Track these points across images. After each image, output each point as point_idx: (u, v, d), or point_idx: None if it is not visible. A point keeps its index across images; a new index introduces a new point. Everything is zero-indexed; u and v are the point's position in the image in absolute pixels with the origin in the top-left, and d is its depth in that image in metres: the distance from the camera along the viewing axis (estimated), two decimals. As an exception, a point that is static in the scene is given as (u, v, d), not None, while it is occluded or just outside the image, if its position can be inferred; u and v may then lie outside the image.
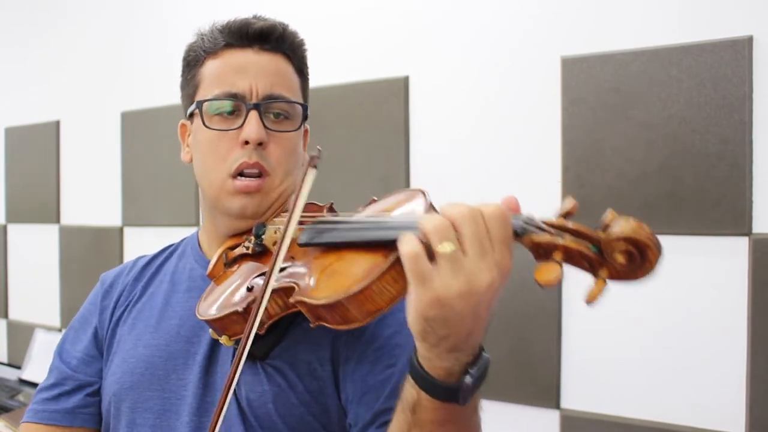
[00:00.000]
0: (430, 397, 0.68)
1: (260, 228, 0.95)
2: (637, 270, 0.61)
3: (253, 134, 0.93)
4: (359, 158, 1.95)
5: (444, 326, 0.64)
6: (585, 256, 0.63)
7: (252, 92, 0.95)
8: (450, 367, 0.67)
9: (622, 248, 0.61)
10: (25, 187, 2.97)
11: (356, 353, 0.90)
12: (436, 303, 0.62)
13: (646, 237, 0.60)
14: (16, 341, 2.96)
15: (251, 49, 0.97)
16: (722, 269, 1.49)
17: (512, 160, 1.75)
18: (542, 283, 0.62)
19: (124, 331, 1.04)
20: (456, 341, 0.65)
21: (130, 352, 1.00)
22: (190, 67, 1.02)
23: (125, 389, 0.98)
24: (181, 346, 0.98)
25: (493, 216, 0.64)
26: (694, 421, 1.52)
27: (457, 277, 0.62)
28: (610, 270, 0.62)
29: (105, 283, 1.11)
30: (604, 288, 0.62)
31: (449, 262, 0.62)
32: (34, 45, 2.95)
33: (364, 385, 0.88)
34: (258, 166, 0.95)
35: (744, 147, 1.46)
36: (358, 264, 0.76)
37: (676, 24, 1.54)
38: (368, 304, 0.73)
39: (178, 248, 1.12)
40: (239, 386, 0.92)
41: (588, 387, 1.66)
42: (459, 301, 0.62)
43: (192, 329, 0.98)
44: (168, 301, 1.03)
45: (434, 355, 0.67)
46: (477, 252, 0.62)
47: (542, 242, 0.64)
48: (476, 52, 1.81)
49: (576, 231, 0.64)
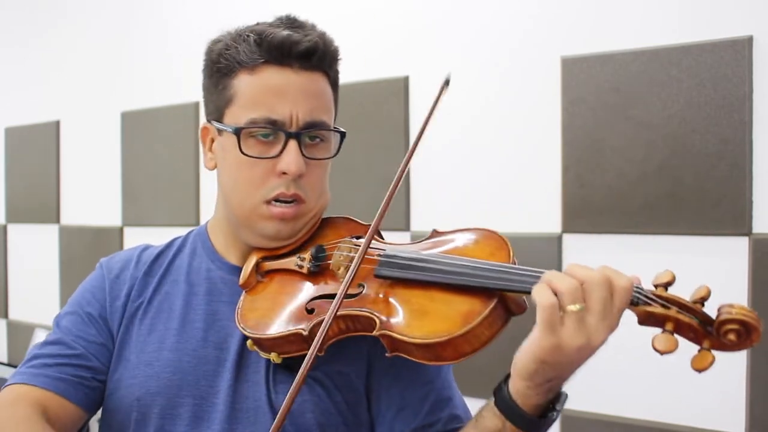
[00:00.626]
0: (515, 427, 0.77)
1: (321, 250, 0.96)
2: (739, 345, 0.71)
3: (293, 167, 0.91)
4: (359, 158, 1.95)
5: (554, 371, 0.74)
6: (692, 329, 0.72)
7: (292, 119, 0.92)
8: (542, 404, 0.77)
9: (734, 328, 0.70)
10: (25, 187, 2.97)
11: (393, 369, 0.92)
12: (556, 350, 0.72)
13: (755, 320, 0.70)
14: (16, 341, 2.96)
15: (290, 69, 0.93)
16: (722, 269, 1.48)
17: (512, 160, 1.75)
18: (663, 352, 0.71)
19: (142, 331, 0.99)
20: (557, 384, 0.76)
21: (153, 355, 0.97)
22: (221, 75, 0.96)
23: (151, 394, 0.95)
24: (210, 352, 0.96)
25: (621, 287, 0.72)
26: (694, 421, 1.52)
27: (579, 333, 0.71)
28: (713, 342, 0.72)
29: (112, 272, 1.05)
30: (713, 360, 0.71)
31: (576, 321, 0.71)
32: (34, 45, 2.95)
33: (402, 401, 0.91)
34: (295, 196, 0.94)
35: (744, 147, 1.46)
36: (455, 306, 0.80)
37: (676, 24, 1.54)
38: (465, 346, 0.79)
39: (187, 244, 1.08)
40: (278, 395, 0.92)
41: (588, 387, 1.66)
42: (576, 352, 0.72)
43: (219, 335, 0.97)
44: (188, 302, 1.00)
45: (534, 393, 0.76)
46: (600, 314, 0.71)
47: (656, 314, 0.73)
48: (476, 52, 1.81)
49: (682, 304, 0.73)
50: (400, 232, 1.88)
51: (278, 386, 0.92)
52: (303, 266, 0.94)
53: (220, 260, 1.03)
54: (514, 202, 1.75)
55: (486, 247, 0.86)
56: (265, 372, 0.93)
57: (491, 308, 0.78)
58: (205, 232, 1.08)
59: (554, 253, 1.66)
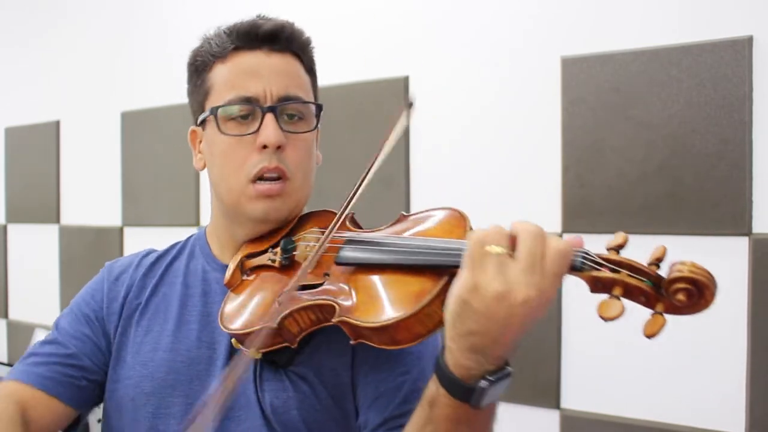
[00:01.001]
0: (447, 393, 0.71)
1: (289, 242, 0.96)
2: (693, 307, 0.67)
3: (272, 138, 0.92)
4: (359, 158, 1.94)
5: (474, 319, 0.67)
6: (643, 292, 0.67)
7: (266, 95, 0.94)
8: (471, 367, 0.70)
9: (682, 287, 0.65)
10: (25, 187, 2.97)
11: (371, 358, 0.91)
12: (473, 290, 0.67)
13: (705, 278, 0.66)
14: (16, 341, 2.96)
15: (261, 51, 0.96)
16: (722, 269, 1.47)
17: (512, 160, 1.75)
18: (607, 318, 0.66)
19: (138, 332, 1.01)
20: (481, 342, 0.69)
21: (148, 356, 0.98)
22: (198, 73, 1.00)
23: (146, 394, 0.96)
24: (203, 352, 0.97)
25: (555, 248, 0.67)
26: (694, 421, 1.52)
27: (498, 277, 0.66)
28: (667, 305, 0.67)
29: (112, 274, 1.07)
30: (664, 323, 0.67)
31: (495, 264, 0.67)
32: (35, 45, 2.95)
33: (377, 391, 0.90)
34: (278, 170, 0.94)
35: (744, 147, 1.46)
36: (408, 287, 0.78)
37: (676, 24, 1.54)
38: (418, 327, 0.76)
39: (186, 247, 1.10)
40: (264, 393, 0.92)
41: (588, 387, 1.66)
42: (493, 301, 0.66)
43: (210, 335, 0.98)
44: (184, 304, 1.01)
45: (457, 347, 0.70)
46: (525, 267, 0.66)
47: (602, 278, 0.68)
48: (476, 52, 1.81)
49: (633, 266, 0.68)
50: (400, 232, 1.88)
51: (264, 384, 0.92)
52: (275, 260, 0.95)
53: (216, 262, 1.04)
54: (514, 202, 1.75)
55: (445, 225, 0.85)
56: (253, 370, 0.93)
57: (441, 286, 0.75)
58: (203, 235, 1.09)
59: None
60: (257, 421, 0.91)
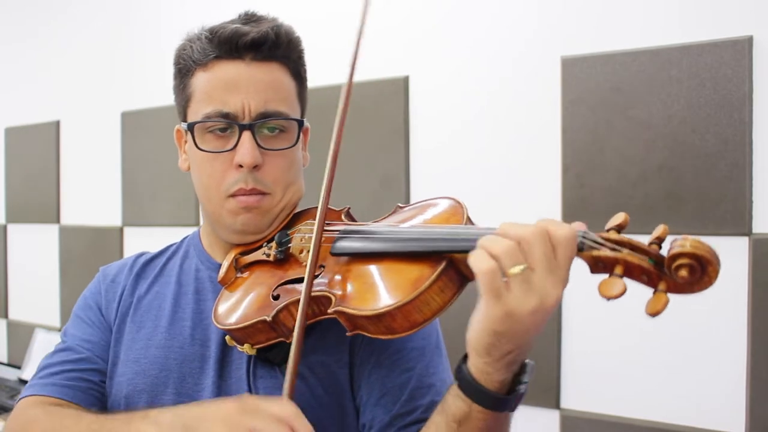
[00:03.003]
0: (482, 408, 0.72)
1: (284, 236, 0.95)
2: (696, 284, 0.64)
3: (247, 158, 0.91)
4: (359, 158, 1.95)
5: (511, 341, 0.67)
6: (644, 270, 0.65)
7: (244, 111, 0.92)
8: (505, 379, 0.71)
9: (684, 263, 0.63)
10: (25, 187, 2.97)
11: (373, 356, 0.91)
12: (507, 318, 0.66)
13: (708, 252, 0.63)
14: (16, 341, 2.96)
15: (242, 61, 0.93)
16: (722, 269, 1.48)
17: (512, 160, 1.75)
18: (608, 297, 0.64)
19: (131, 329, 1.02)
20: (517, 356, 0.69)
21: (141, 353, 0.98)
22: (181, 76, 0.99)
23: (138, 391, 0.96)
24: (196, 350, 0.97)
25: (562, 237, 0.66)
26: (694, 421, 1.52)
27: (528, 294, 0.65)
28: (669, 283, 0.65)
29: (107, 277, 1.08)
30: (667, 302, 0.64)
31: (521, 283, 0.65)
32: (35, 45, 2.95)
33: (382, 388, 0.90)
34: (254, 192, 0.93)
35: (744, 147, 1.46)
36: (403, 275, 0.77)
37: (676, 24, 1.54)
38: (415, 314, 0.75)
39: (181, 248, 1.11)
40: (258, 391, 0.92)
41: (588, 387, 1.66)
42: (530, 317, 0.65)
43: (203, 332, 0.98)
44: (177, 302, 1.02)
45: (494, 369, 0.70)
46: (545, 270, 0.65)
47: (603, 257, 0.66)
48: (476, 52, 1.81)
49: (634, 245, 0.66)
50: (400, 232, 1.88)
51: (258, 381, 0.92)
52: (270, 254, 0.94)
53: (209, 260, 1.04)
54: (514, 202, 1.75)
55: (443, 213, 0.84)
56: (246, 368, 0.93)
57: (439, 272, 0.73)
58: (198, 235, 1.10)
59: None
60: None
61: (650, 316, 0.64)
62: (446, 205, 0.85)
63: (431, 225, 0.81)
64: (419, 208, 0.89)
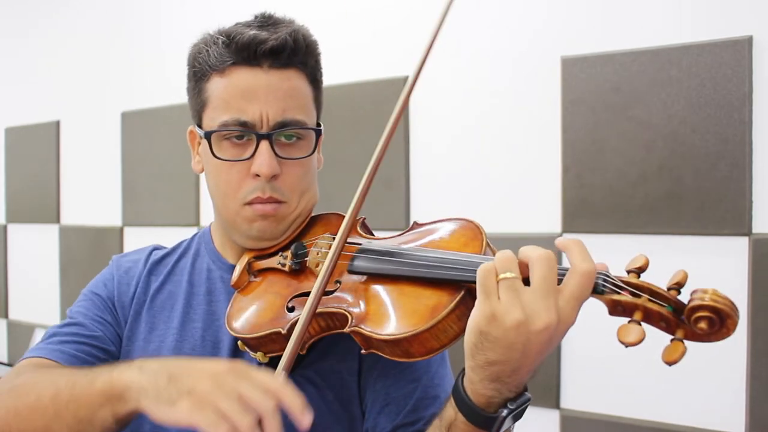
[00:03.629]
0: (466, 420, 0.72)
1: (300, 247, 0.95)
2: (714, 335, 0.65)
3: (265, 168, 0.90)
4: (359, 158, 1.94)
5: (493, 349, 0.67)
6: (663, 318, 0.66)
7: (262, 120, 0.91)
8: (491, 396, 0.70)
9: (704, 315, 0.63)
10: (25, 187, 2.97)
11: (380, 363, 0.90)
12: (492, 319, 0.67)
13: (728, 307, 0.63)
14: (16, 341, 2.96)
15: (260, 68, 0.92)
16: (722, 269, 1.49)
17: (512, 160, 1.75)
18: (627, 344, 0.64)
19: (143, 329, 1.01)
20: (501, 371, 0.69)
21: (152, 353, 0.98)
22: (196, 79, 0.97)
23: None
24: (207, 351, 0.96)
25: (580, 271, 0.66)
26: (694, 421, 1.52)
27: (514, 304, 0.66)
28: (686, 331, 0.65)
29: (121, 267, 1.06)
30: (684, 351, 0.64)
31: (509, 290, 0.66)
32: (35, 45, 2.95)
33: (387, 397, 0.90)
34: (271, 200, 0.93)
35: (744, 147, 1.46)
36: (422, 300, 0.78)
37: (676, 24, 1.54)
38: (432, 341, 0.76)
39: (192, 246, 1.09)
40: None
41: (588, 387, 1.66)
42: (514, 329, 0.66)
43: (215, 334, 0.97)
44: (189, 302, 1.01)
45: (478, 378, 0.70)
46: (541, 291, 0.66)
47: (623, 302, 0.67)
48: (476, 52, 1.81)
49: (652, 291, 0.67)
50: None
51: None
52: (285, 264, 0.94)
53: (221, 260, 1.04)
54: (514, 202, 1.75)
55: (461, 238, 0.84)
56: None
57: (457, 301, 0.75)
58: (209, 233, 1.09)
59: (554, 253, 1.66)
60: None
61: (667, 365, 0.65)
62: (464, 228, 0.86)
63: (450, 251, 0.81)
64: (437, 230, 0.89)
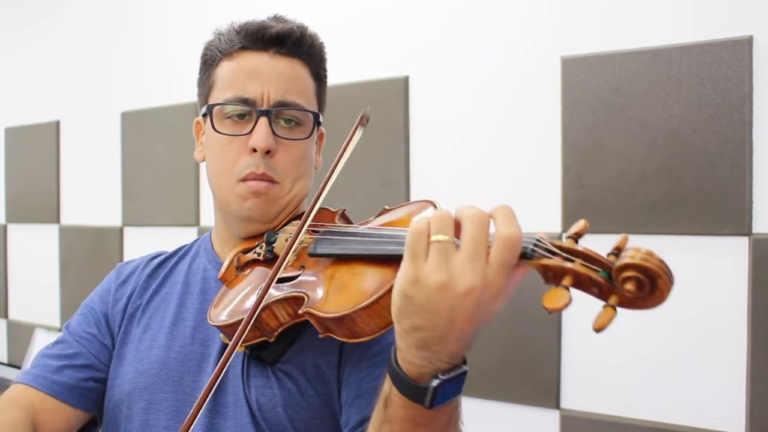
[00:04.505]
0: (399, 393, 0.68)
1: (272, 235, 0.97)
2: (648, 298, 0.60)
3: (261, 142, 0.93)
4: (359, 158, 1.94)
5: (418, 314, 0.64)
6: (594, 282, 0.62)
7: (263, 98, 0.95)
8: (421, 365, 0.66)
9: (631, 275, 0.59)
10: (25, 187, 2.97)
11: (354, 356, 0.91)
12: (415, 282, 0.63)
13: (656, 266, 0.58)
14: (16, 341, 2.96)
15: (266, 53, 0.97)
16: (722, 269, 1.49)
17: (512, 161, 1.75)
18: (549, 308, 0.61)
19: (138, 330, 1.03)
20: (428, 337, 0.64)
21: (144, 353, 1.00)
22: (206, 67, 1.02)
23: (139, 389, 0.97)
24: (196, 349, 0.98)
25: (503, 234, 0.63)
26: (694, 421, 1.52)
27: (440, 266, 0.62)
28: (620, 297, 0.61)
29: (121, 275, 1.10)
30: (614, 316, 0.60)
31: (437, 252, 0.63)
32: (35, 45, 2.95)
33: (359, 389, 0.89)
34: (265, 177, 0.95)
35: (744, 147, 1.46)
36: (368, 277, 0.77)
37: (676, 24, 1.54)
38: (376, 318, 0.74)
39: (192, 249, 1.12)
40: (250, 390, 0.92)
41: (588, 387, 1.66)
42: (436, 293, 0.62)
43: (205, 332, 0.99)
44: (182, 302, 1.03)
45: (406, 346, 0.66)
46: (469, 254, 0.62)
47: (551, 266, 0.63)
48: (476, 52, 1.81)
49: (586, 255, 0.62)
50: (400, 232, 1.88)
51: (251, 380, 0.93)
52: (260, 253, 0.96)
53: (217, 260, 1.05)
54: (514, 201, 1.73)
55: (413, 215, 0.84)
56: (241, 367, 0.94)
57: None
58: (209, 236, 1.11)
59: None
60: (245, 418, 0.91)
61: (595, 331, 0.60)
62: (420, 206, 0.86)
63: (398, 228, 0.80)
64: (399, 210, 0.89)
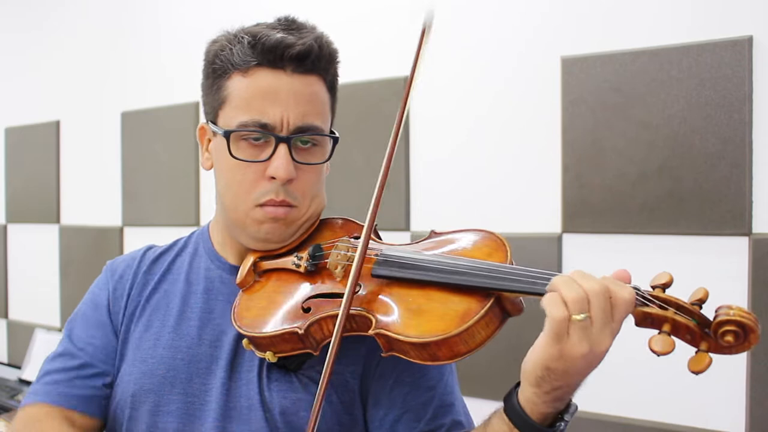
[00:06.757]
0: None
1: (317, 249, 0.95)
2: (736, 347, 0.70)
3: (282, 173, 0.91)
4: (359, 158, 1.95)
5: (560, 378, 0.74)
6: (689, 330, 0.72)
7: (283, 123, 0.91)
8: (549, 413, 0.76)
9: (731, 329, 0.69)
10: (25, 187, 2.97)
11: (395, 372, 0.92)
12: (561, 358, 0.72)
13: (753, 322, 0.69)
14: (16, 341, 2.96)
15: (284, 72, 0.92)
16: (722, 269, 1.48)
17: (512, 161, 1.75)
18: (660, 353, 0.71)
19: (139, 328, 1.01)
20: (565, 393, 0.75)
21: (148, 352, 0.98)
22: (216, 75, 0.96)
23: (145, 391, 0.96)
24: (204, 350, 0.97)
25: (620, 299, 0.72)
26: (694, 421, 1.52)
27: (582, 341, 0.72)
28: (710, 344, 0.71)
29: (115, 273, 1.07)
30: (710, 362, 0.70)
31: (580, 330, 0.71)
32: (35, 46, 2.95)
33: (404, 405, 0.91)
34: (284, 203, 0.93)
35: (744, 147, 1.46)
36: (451, 306, 0.80)
37: (676, 24, 1.54)
38: (460, 346, 0.78)
39: (189, 245, 1.09)
40: (272, 393, 0.92)
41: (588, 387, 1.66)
42: (581, 360, 0.72)
43: (214, 333, 0.97)
44: (186, 301, 1.01)
45: (541, 401, 0.75)
46: (601, 323, 0.72)
47: (653, 315, 0.73)
48: (476, 52, 1.81)
49: (680, 305, 0.72)
50: (399, 232, 1.88)
51: (272, 384, 0.92)
52: (300, 265, 0.95)
53: (219, 260, 1.04)
54: (515, 202, 1.75)
55: (484, 248, 0.87)
56: (258, 371, 0.93)
57: (488, 308, 0.78)
58: (207, 232, 1.08)
59: (554, 253, 1.66)
60: (260, 422, 0.91)
61: (694, 374, 0.71)
62: (487, 239, 0.88)
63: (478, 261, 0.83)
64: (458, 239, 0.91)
